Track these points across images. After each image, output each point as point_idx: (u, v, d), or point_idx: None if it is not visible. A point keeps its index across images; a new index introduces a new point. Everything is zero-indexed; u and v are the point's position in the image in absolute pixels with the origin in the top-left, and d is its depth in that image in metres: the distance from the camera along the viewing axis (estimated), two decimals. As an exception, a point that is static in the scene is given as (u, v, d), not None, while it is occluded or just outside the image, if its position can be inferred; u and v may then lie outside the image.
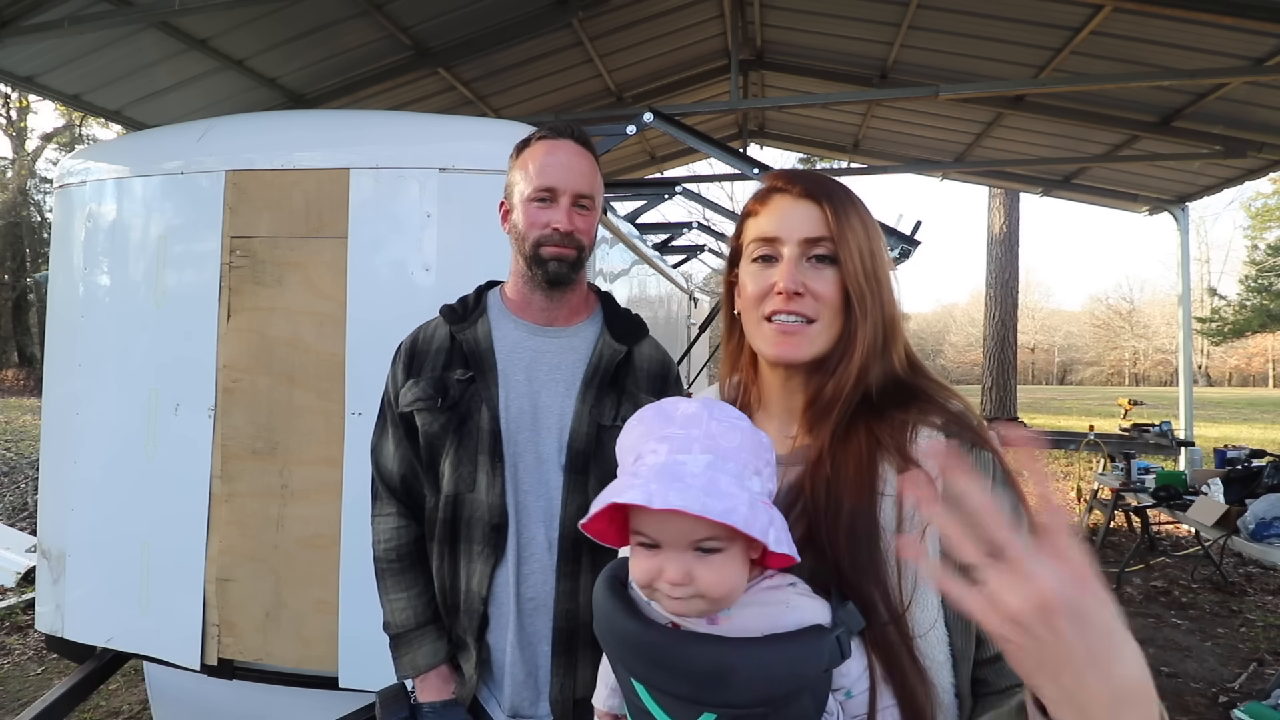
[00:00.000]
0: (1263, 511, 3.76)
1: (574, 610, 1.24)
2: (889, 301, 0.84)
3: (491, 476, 1.24)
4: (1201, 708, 3.30)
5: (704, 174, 9.15)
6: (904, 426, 0.78)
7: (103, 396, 2.16)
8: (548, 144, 1.27)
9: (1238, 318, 21.20)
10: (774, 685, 0.63)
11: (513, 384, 1.28)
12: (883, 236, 0.86)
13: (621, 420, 1.23)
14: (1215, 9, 3.81)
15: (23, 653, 3.81)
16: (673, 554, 0.66)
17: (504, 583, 1.24)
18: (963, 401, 0.83)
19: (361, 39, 4.66)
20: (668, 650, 0.66)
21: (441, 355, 1.30)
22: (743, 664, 0.64)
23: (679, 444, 0.68)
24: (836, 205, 0.81)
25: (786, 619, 0.67)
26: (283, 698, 2.08)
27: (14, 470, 7.67)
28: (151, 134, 2.49)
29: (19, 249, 21.19)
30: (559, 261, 1.25)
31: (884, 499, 0.75)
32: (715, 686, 0.64)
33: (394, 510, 1.34)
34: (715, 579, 0.65)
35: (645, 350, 1.37)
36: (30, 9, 3.57)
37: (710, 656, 0.65)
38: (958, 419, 0.79)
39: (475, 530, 1.25)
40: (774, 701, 0.64)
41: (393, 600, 1.31)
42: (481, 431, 1.25)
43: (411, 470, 1.32)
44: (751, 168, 2.96)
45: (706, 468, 0.66)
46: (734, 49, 5.15)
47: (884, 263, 0.84)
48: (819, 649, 0.65)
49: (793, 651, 0.65)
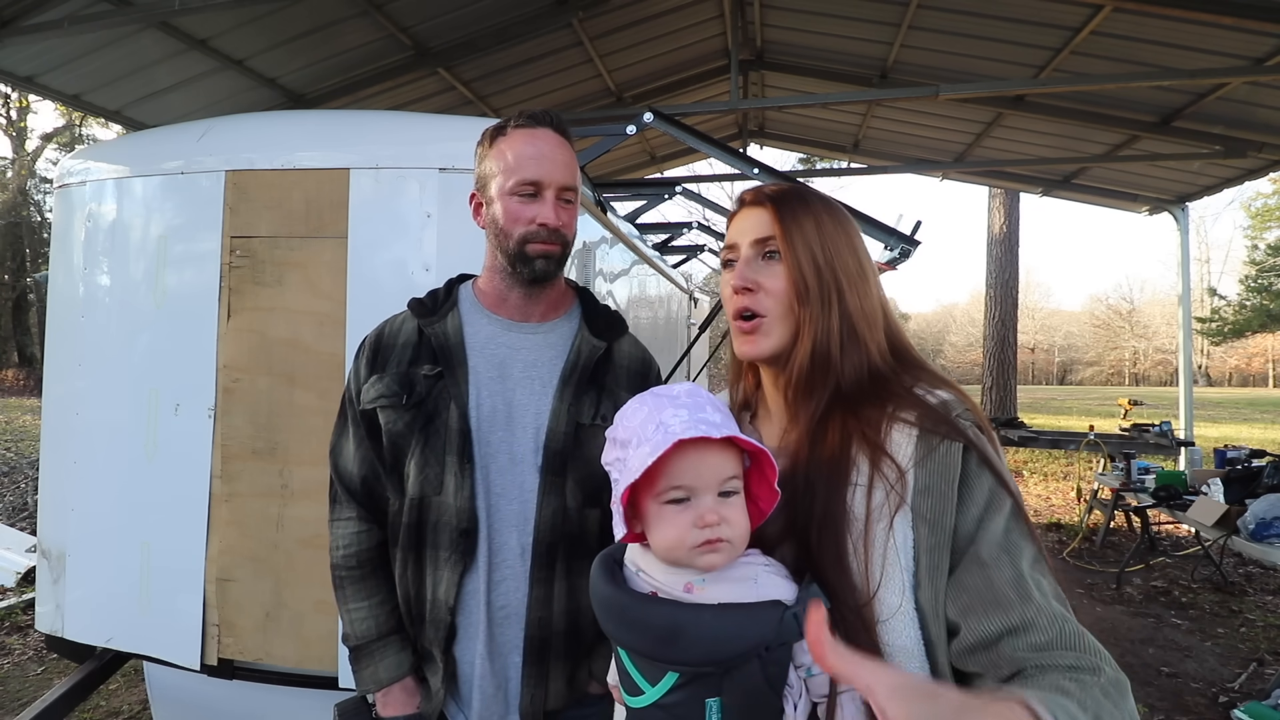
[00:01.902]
0: (1263, 511, 3.76)
1: (547, 618, 1.17)
2: (857, 294, 0.87)
3: (460, 478, 1.16)
4: (1201, 708, 3.30)
5: (704, 174, 9.15)
6: (879, 420, 0.80)
7: (103, 396, 2.16)
8: (526, 133, 1.18)
9: (1238, 318, 21.22)
10: (719, 647, 0.70)
11: (484, 381, 1.20)
12: (852, 233, 0.90)
13: (601, 419, 1.21)
14: (1215, 9, 3.81)
15: (23, 653, 3.81)
16: (703, 500, 0.75)
17: (474, 591, 1.17)
18: (955, 391, 0.84)
19: (361, 39, 4.66)
20: (633, 610, 0.76)
21: (408, 350, 1.22)
22: (691, 625, 0.71)
23: (694, 406, 0.78)
24: (783, 206, 0.89)
25: (750, 593, 0.74)
26: (283, 698, 2.08)
27: (14, 470, 7.67)
28: (151, 134, 2.49)
29: (19, 249, 21.19)
30: (545, 259, 1.19)
31: (855, 489, 0.79)
32: (668, 644, 0.72)
33: (354, 514, 1.25)
34: (739, 518, 0.76)
35: (625, 347, 1.31)
36: (30, 9, 3.57)
37: (665, 617, 0.73)
38: (933, 412, 0.79)
39: (442, 535, 1.17)
40: (721, 663, 0.71)
41: (352, 610, 1.23)
42: (450, 430, 1.17)
43: (373, 471, 1.24)
44: (751, 168, 2.96)
45: (724, 419, 0.78)
46: (734, 49, 5.16)
47: (849, 256, 0.88)
48: (767, 620, 0.71)
49: (740, 619, 0.71)
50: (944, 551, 0.74)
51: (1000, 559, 0.73)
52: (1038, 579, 0.73)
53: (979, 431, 0.80)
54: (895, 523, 0.76)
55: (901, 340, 0.91)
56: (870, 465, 0.78)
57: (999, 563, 0.73)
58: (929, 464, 0.76)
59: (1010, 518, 0.76)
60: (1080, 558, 5.63)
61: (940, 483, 0.76)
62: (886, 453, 0.78)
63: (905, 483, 0.76)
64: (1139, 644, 4.02)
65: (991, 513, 0.76)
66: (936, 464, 0.76)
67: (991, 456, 0.78)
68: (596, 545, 1.24)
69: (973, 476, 0.77)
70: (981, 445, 0.78)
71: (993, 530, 0.75)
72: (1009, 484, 0.78)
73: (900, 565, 0.75)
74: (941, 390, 0.83)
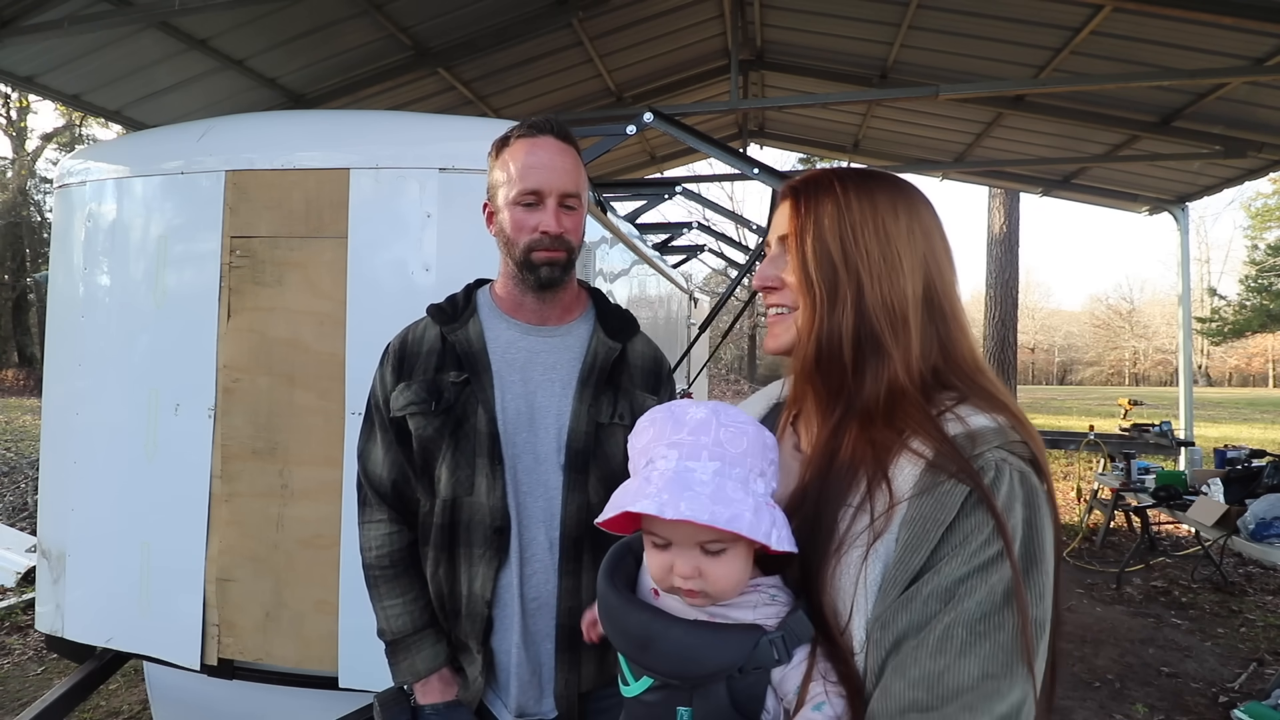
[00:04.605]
0: (1263, 511, 3.76)
1: (576, 607, 1.24)
2: (880, 288, 0.77)
3: (491, 479, 1.22)
4: (1201, 708, 3.30)
5: (704, 174, 9.14)
6: (890, 443, 0.72)
7: (103, 396, 2.16)
8: (528, 142, 1.24)
9: (1238, 318, 21.20)
10: (686, 665, 0.70)
11: (508, 385, 1.26)
12: (884, 218, 0.78)
13: (619, 417, 1.27)
14: (1215, 9, 3.81)
15: (23, 653, 3.81)
16: (682, 552, 0.71)
17: (508, 585, 1.23)
18: (1009, 417, 0.72)
19: (361, 39, 4.66)
20: (616, 612, 0.76)
21: (433, 357, 1.27)
22: (661, 637, 0.71)
23: (688, 451, 0.72)
24: (802, 195, 0.82)
25: (731, 614, 0.72)
26: (283, 698, 2.08)
27: (14, 470, 7.67)
28: (151, 134, 2.50)
29: (19, 249, 21.18)
30: (550, 266, 1.24)
31: (848, 510, 0.72)
32: (640, 651, 0.72)
33: (385, 516, 1.30)
34: (721, 575, 0.71)
35: (638, 347, 1.36)
36: (30, 9, 3.57)
37: (640, 624, 0.73)
38: (949, 446, 0.69)
39: (475, 534, 1.23)
40: (688, 679, 0.70)
41: (388, 607, 1.28)
42: (479, 434, 1.23)
43: (403, 475, 1.29)
44: (751, 168, 2.95)
45: (714, 475, 0.70)
46: (734, 49, 5.15)
47: (874, 244, 0.77)
48: (738, 644, 0.69)
49: (709, 639, 0.70)
50: (894, 591, 0.66)
51: (924, 647, 0.63)
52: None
53: (1012, 473, 0.67)
54: (870, 554, 0.68)
55: (952, 345, 0.79)
56: (867, 488, 0.71)
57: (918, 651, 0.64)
58: (924, 500, 0.67)
59: (986, 593, 0.63)
60: (1080, 558, 5.63)
61: (926, 521, 0.66)
62: (886, 477, 0.70)
63: (893, 514, 0.68)
64: (1139, 644, 4.02)
65: (970, 576, 0.64)
66: (931, 501, 0.67)
67: (1001, 509, 0.65)
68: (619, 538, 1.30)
69: (966, 525, 0.65)
70: (993, 493, 0.66)
71: (959, 604, 0.64)
72: (1013, 549, 0.64)
73: (868, 597, 0.68)
74: (985, 416, 0.72)
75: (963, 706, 0.61)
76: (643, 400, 1.31)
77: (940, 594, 0.64)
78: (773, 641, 0.69)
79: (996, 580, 0.63)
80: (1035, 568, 0.65)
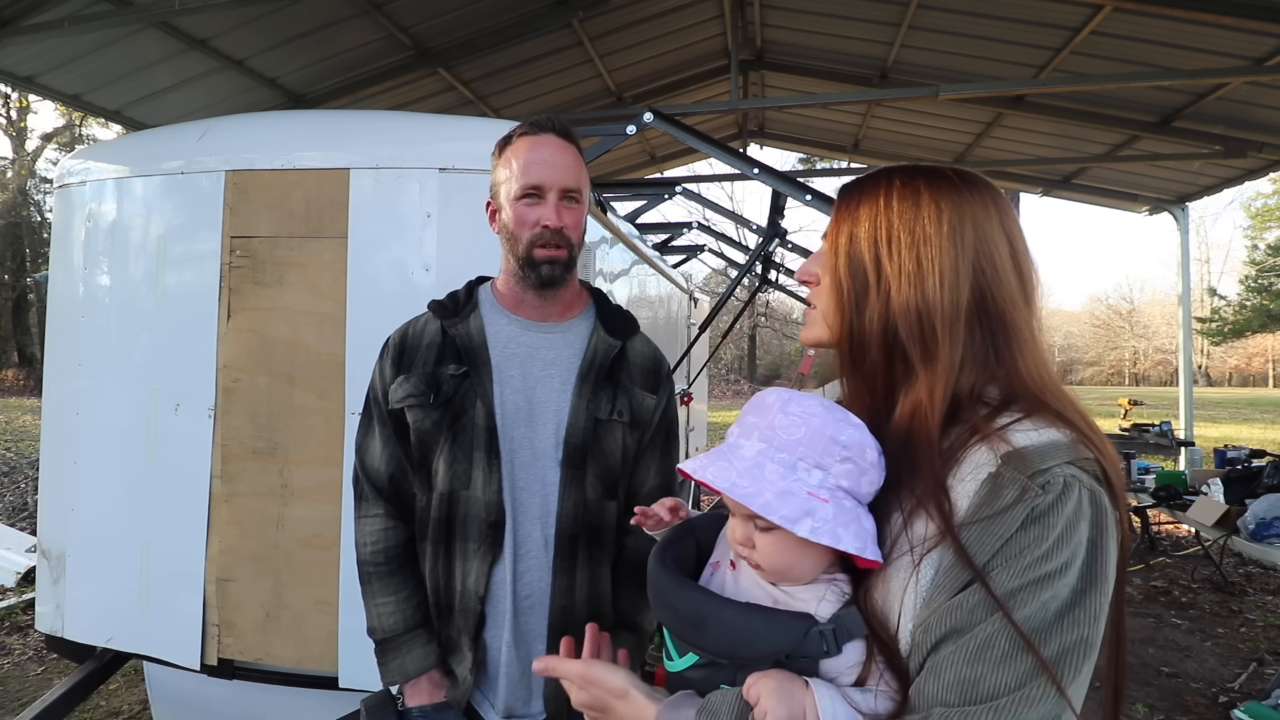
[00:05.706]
0: (1263, 511, 3.77)
1: (569, 606, 1.23)
2: (906, 293, 0.73)
3: (488, 473, 1.22)
4: (1201, 708, 3.30)
5: (704, 174, 9.15)
6: (951, 452, 0.70)
7: (103, 396, 2.16)
8: (530, 140, 1.25)
9: (1238, 318, 21.23)
10: (736, 646, 0.71)
11: (507, 379, 1.26)
12: (926, 218, 0.74)
13: (617, 414, 1.27)
14: (1215, 9, 3.81)
15: (23, 653, 3.81)
16: (739, 521, 0.75)
17: (501, 581, 1.23)
18: (1078, 434, 0.68)
19: (361, 39, 4.66)
20: (667, 592, 0.78)
21: (433, 351, 1.27)
22: (714, 618, 0.73)
23: (745, 430, 0.76)
24: (846, 194, 0.82)
25: (795, 598, 0.74)
26: (283, 698, 2.08)
27: (14, 470, 7.67)
28: (151, 134, 2.49)
29: (19, 249, 21.20)
30: (552, 264, 1.24)
31: (899, 515, 0.71)
32: (693, 631, 0.75)
33: (382, 511, 1.29)
34: (769, 551, 0.73)
35: (638, 345, 1.37)
36: (30, 9, 3.57)
37: (693, 604, 0.75)
38: (1017, 459, 0.66)
39: (471, 528, 1.23)
40: (736, 659, 0.72)
41: (380, 604, 1.27)
42: (477, 428, 1.22)
43: (400, 469, 1.29)
44: (751, 168, 2.95)
45: (757, 454, 0.72)
46: (734, 49, 5.15)
47: (906, 246, 0.74)
48: (788, 631, 0.70)
49: (761, 623, 0.71)
50: (942, 596, 0.66)
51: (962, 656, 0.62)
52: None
53: (1082, 490, 0.64)
54: (924, 561, 0.67)
55: (1012, 360, 0.73)
56: (921, 494, 0.69)
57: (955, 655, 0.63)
58: (981, 510, 0.65)
59: (1037, 608, 0.61)
60: (1080, 558, 5.63)
61: (984, 533, 0.64)
62: (944, 486, 0.68)
63: (949, 524, 0.66)
64: (1139, 644, 4.02)
65: (1022, 590, 0.62)
66: (990, 512, 0.64)
67: (1065, 525, 0.63)
68: (615, 536, 1.30)
69: (1024, 538, 0.63)
70: (1058, 509, 0.63)
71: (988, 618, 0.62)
72: (1073, 568, 0.62)
73: (916, 603, 0.67)
74: (1054, 430, 0.68)
75: (991, 709, 0.60)
76: (641, 399, 1.31)
77: (988, 603, 0.62)
78: (822, 633, 0.69)
79: (1049, 597, 0.61)
80: (1094, 588, 0.63)
